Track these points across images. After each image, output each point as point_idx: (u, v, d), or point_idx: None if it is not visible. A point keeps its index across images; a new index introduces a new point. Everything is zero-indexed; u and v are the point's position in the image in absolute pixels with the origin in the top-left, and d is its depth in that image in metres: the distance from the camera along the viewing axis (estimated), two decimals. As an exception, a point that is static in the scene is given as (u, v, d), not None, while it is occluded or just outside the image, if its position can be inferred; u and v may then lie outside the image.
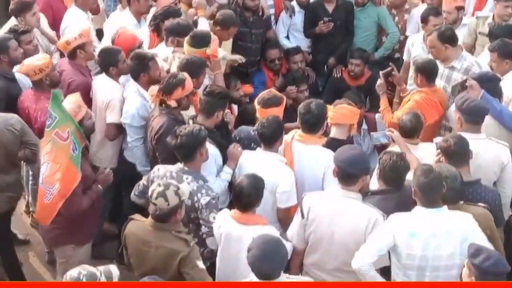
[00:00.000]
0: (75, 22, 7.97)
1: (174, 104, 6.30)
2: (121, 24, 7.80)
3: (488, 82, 6.64)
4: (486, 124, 6.28)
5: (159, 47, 7.49)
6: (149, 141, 6.44)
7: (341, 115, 6.33)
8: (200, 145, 5.71)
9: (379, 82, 7.35)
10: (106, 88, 6.86)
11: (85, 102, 6.24)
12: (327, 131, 6.41)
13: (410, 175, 5.53)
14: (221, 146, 6.20)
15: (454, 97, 6.99)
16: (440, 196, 5.06)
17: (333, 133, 6.37)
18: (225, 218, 5.50)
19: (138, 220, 5.40)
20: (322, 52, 9.23)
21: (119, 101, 6.80)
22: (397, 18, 9.09)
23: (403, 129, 6.37)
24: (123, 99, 6.82)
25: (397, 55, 9.00)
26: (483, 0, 8.96)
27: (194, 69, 6.59)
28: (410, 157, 5.88)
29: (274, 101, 6.49)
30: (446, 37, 7.22)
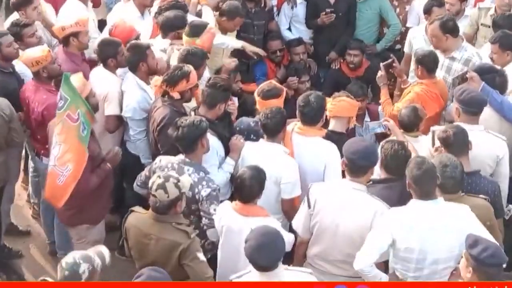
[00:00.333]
0: (73, 12, 7.95)
1: (178, 96, 6.30)
2: (125, 16, 7.79)
3: (488, 74, 6.64)
4: (487, 117, 6.29)
5: (157, 38, 7.49)
6: (151, 133, 6.44)
7: (340, 108, 6.32)
8: (201, 136, 5.72)
9: (380, 74, 7.36)
10: (104, 81, 6.85)
11: None
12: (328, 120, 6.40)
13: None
14: (223, 138, 6.20)
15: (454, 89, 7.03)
16: (435, 188, 5.06)
17: (332, 126, 6.36)
18: (227, 210, 5.51)
19: (139, 212, 5.41)
20: (324, 44, 9.18)
21: (117, 93, 6.79)
22: (398, 10, 9.06)
23: (401, 123, 6.38)
24: (121, 92, 6.81)
25: (398, 47, 8.98)
26: (485, -9, 8.96)
27: (195, 61, 6.58)
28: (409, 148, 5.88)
29: (274, 93, 6.47)
30: (448, 28, 7.22)
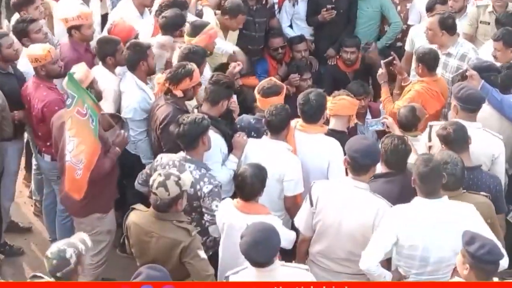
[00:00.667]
0: (68, 5, 7.94)
1: (180, 94, 6.29)
2: (124, 15, 7.81)
3: (485, 72, 6.64)
4: (487, 115, 6.30)
5: (158, 36, 7.46)
6: (154, 131, 6.43)
7: (341, 106, 6.31)
8: (203, 134, 5.72)
9: (381, 72, 7.36)
10: (102, 79, 6.77)
11: None
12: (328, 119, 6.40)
13: (412, 159, 5.58)
14: (226, 135, 6.20)
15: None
16: (440, 186, 5.06)
17: (332, 125, 6.35)
18: (228, 208, 5.52)
19: (140, 210, 5.41)
20: (325, 41, 9.19)
21: (114, 92, 6.78)
22: (399, 7, 9.06)
23: (400, 123, 6.39)
24: (119, 91, 6.81)
25: (399, 44, 8.98)
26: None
27: (196, 59, 6.57)
28: None
29: (274, 90, 6.45)
30: (446, 25, 7.26)
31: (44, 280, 4.76)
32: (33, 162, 7.65)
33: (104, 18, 8.53)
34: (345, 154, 5.42)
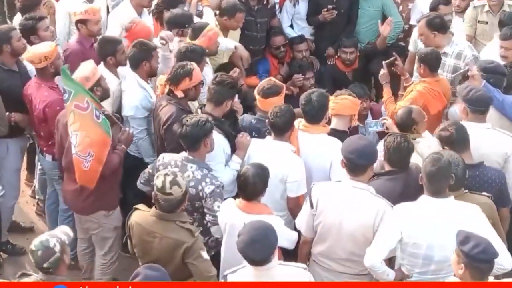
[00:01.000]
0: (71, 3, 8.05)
1: (181, 95, 6.28)
2: (122, 16, 7.85)
3: (493, 74, 6.64)
4: (488, 115, 6.29)
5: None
6: (157, 131, 6.43)
7: (342, 106, 6.31)
8: (205, 136, 5.72)
9: (382, 72, 7.34)
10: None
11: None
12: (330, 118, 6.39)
13: (414, 158, 5.59)
14: (229, 135, 6.20)
15: (455, 86, 7.04)
16: (447, 186, 5.08)
17: (334, 124, 6.34)
18: (230, 208, 5.52)
19: (142, 210, 5.42)
20: (325, 40, 9.19)
21: (111, 93, 6.68)
22: (401, 7, 9.03)
23: (397, 124, 6.33)
24: (118, 91, 6.81)
25: (401, 44, 8.96)
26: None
27: (194, 58, 6.55)
28: None
29: (274, 91, 6.41)
30: (435, 25, 7.24)
31: (33, 277, 4.76)
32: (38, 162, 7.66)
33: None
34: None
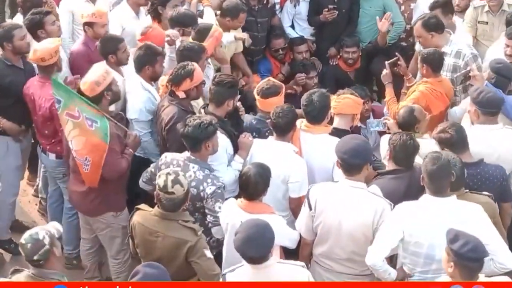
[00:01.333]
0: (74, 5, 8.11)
1: (183, 95, 6.28)
2: (120, 16, 7.87)
3: (498, 75, 6.65)
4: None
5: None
6: (159, 132, 6.42)
7: (345, 105, 6.30)
8: (206, 139, 5.71)
9: (385, 72, 7.32)
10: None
11: (82, 72, 6.35)
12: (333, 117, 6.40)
13: (418, 159, 5.59)
14: (232, 135, 6.20)
15: (456, 86, 7.05)
16: (448, 184, 5.09)
17: (336, 123, 6.33)
18: (232, 207, 5.53)
19: (145, 210, 5.43)
20: (326, 41, 9.20)
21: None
22: (403, 7, 9.01)
23: (398, 123, 6.36)
24: (124, 90, 6.75)
25: (403, 44, 8.95)
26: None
27: (192, 56, 6.54)
28: None
29: (273, 91, 6.41)
30: (431, 25, 7.22)
31: (24, 272, 4.75)
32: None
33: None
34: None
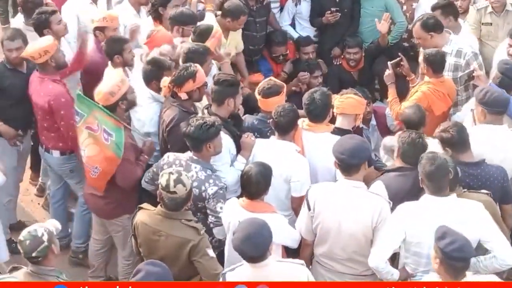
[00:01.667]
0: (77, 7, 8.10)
1: (185, 97, 6.25)
2: (122, 15, 7.82)
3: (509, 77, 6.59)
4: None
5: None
6: (161, 133, 6.41)
7: (347, 105, 6.26)
8: (207, 140, 5.70)
9: (387, 73, 7.31)
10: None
11: (96, 80, 6.33)
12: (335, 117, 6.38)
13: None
14: (235, 135, 6.19)
15: (458, 86, 7.04)
16: (447, 183, 5.10)
17: (339, 123, 6.30)
18: (234, 206, 5.53)
19: (147, 209, 5.43)
20: (329, 42, 9.19)
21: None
22: (405, 7, 9.00)
23: (407, 123, 6.28)
24: None
25: (405, 44, 8.92)
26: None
27: (197, 58, 6.53)
28: None
29: (274, 90, 6.37)
30: (430, 26, 7.23)
31: (23, 270, 4.78)
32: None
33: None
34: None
